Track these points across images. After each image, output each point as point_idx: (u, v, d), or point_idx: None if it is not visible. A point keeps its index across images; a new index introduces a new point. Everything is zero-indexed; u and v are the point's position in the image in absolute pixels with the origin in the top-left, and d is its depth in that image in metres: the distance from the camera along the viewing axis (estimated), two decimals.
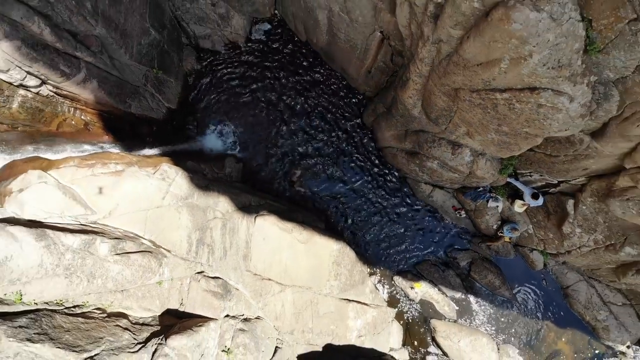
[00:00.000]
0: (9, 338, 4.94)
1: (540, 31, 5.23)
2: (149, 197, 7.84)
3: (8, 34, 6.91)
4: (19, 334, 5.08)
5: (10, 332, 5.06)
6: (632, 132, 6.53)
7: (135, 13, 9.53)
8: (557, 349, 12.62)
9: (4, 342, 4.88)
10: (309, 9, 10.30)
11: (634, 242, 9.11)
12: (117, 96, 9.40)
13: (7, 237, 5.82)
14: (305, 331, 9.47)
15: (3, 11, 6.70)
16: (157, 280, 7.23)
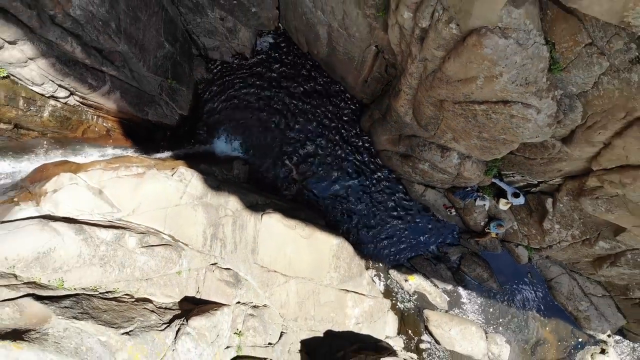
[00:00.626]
0: (58, 316, 5.86)
1: (508, 54, 6.15)
2: (168, 196, 8.77)
3: (44, 52, 7.84)
4: (65, 313, 6.00)
5: (58, 311, 5.98)
6: (595, 138, 7.45)
7: (152, 29, 10.46)
8: (542, 338, 13.53)
9: (54, 320, 5.80)
10: (310, 24, 11.22)
11: (606, 237, 10.02)
12: (136, 105, 10.32)
13: (51, 231, 6.76)
14: (308, 318, 10.39)
15: (41, 33, 7.62)
16: (176, 270, 8.16)
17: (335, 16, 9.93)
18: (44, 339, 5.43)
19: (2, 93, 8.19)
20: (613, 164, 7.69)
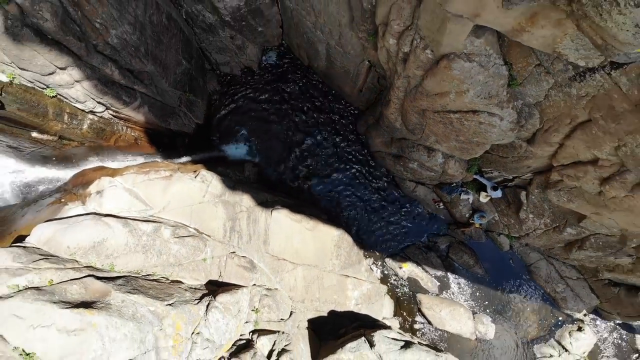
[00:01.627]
0: (116, 291, 7.33)
1: (473, 74, 7.63)
2: (193, 195, 10.24)
3: (88, 76, 9.32)
4: (121, 289, 7.48)
5: (115, 287, 7.45)
6: (551, 139, 8.91)
7: (172, 49, 11.93)
8: (524, 317, 15.01)
9: (114, 294, 7.27)
10: (310, 42, 12.70)
11: (572, 224, 11.49)
12: (161, 116, 11.80)
13: (104, 225, 8.24)
14: (313, 300, 11.87)
15: (87, 59, 9.10)
16: (202, 257, 9.63)
17: (333, 36, 11.41)
18: (109, 307, 6.91)
19: (51, 110, 9.66)
20: (568, 160, 9.17)
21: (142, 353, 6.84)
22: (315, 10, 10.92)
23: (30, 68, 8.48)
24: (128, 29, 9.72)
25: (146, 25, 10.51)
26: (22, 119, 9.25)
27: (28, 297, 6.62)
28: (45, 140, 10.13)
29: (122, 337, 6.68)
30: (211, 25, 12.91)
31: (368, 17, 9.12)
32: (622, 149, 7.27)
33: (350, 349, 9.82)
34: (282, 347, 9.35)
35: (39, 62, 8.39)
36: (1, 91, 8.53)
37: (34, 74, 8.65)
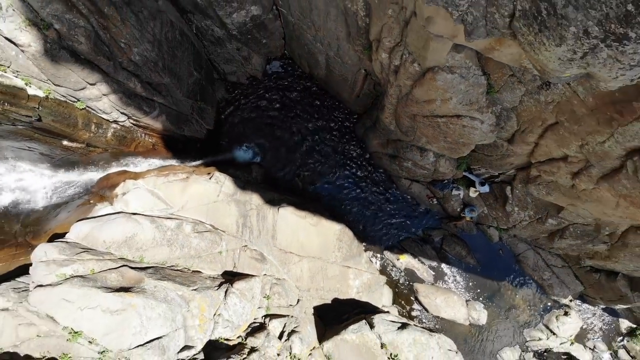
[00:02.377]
0: (149, 278, 8.44)
1: (455, 84, 8.74)
2: (208, 195, 11.35)
3: (115, 90, 10.43)
4: (152, 276, 8.58)
5: (147, 275, 8.55)
6: (527, 139, 10.02)
7: (185, 62, 13.04)
8: (513, 304, 16.12)
9: (147, 280, 8.37)
10: (311, 52, 13.81)
11: (553, 215, 12.60)
12: (176, 124, 12.90)
13: (134, 222, 9.35)
14: (318, 289, 12.98)
15: (114, 76, 10.21)
16: (218, 250, 10.73)
17: (332, 48, 12.52)
18: (144, 291, 8.01)
19: (80, 120, 10.77)
20: (543, 157, 10.29)
21: (174, 330, 7.95)
22: (315, 25, 12.02)
23: (64, 84, 9.59)
24: (148, 47, 10.83)
25: (162, 42, 11.62)
26: (55, 129, 10.36)
27: (75, 283, 7.73)
28: (74, 147, 11.24)
29: (157, 316, 7.79)
30: (219, 38, 14.02)
31: (363, 33, 10.23)
32: (585, 147, 8.38)
33: (352, 330, 10.93)
34: (292, 329, 10.43)
35: (72, 79, 9.50)
36: (39, 105, 9.64)
37: (67, 89, 9.76)
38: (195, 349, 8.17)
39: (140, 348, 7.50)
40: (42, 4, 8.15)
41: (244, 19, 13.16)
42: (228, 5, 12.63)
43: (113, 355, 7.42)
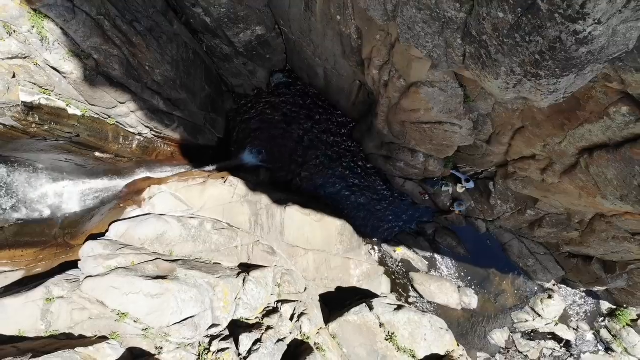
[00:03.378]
0: (180, 268, 9.92)
1: (435, 96, 10.24)
2: (224, 197, 12.84)
3: (141, 107, 11.92)
4: (182, 267, 10.06)
5: (178, 266, 10.03)
6: (502, 141, 11.51)
7: (198, 78, 14.54)
8: (502, 290, 17.60)
9: (178, 270, 9.86)
10: (310, 66, 15.31)
11: (530, 207, 14.09)
12: (191, 134, 14.40)
13: (164, 221, 10.84)
14: (323, 279, 14.47)
15: (140, 95, 11.69)
16: (235, 245, 12.22)
17: (329, 63, 14.02)
18: (177, 278, 9.50)
19: (111, 134, 12.25)
20: (517, 156, 11.78)
21: (203, 310, 9.43)
22: (314, 43, 13.53)
23: (99, 104, 11.08)
24: (168, 67, 12.33)
25: (179, 62, 13.12)
26: (90, 142, 11.83)
27: (120, 273, 9.23)
28: (105, 158, 12.72)
29: (189, 299, 9.27)
30: (227, 55, 15.52)
31: (356, 52, 11.72)
32: (547, 147, 9.87)
33: (354, 312, 12.43)
34: (301, 312, 11.90)
35: (106, 100, 10.99)
36: (77, 122, 11.13)
37: (101, 108, 11.25)
38: (221, 326, 9.65)
39: (177, 325, 8.99)
40: (83, 38, 9.64)
41: (250, 38, 14.66)
42: (235, 27, 14.12)
43: (155, 332, 8.91)
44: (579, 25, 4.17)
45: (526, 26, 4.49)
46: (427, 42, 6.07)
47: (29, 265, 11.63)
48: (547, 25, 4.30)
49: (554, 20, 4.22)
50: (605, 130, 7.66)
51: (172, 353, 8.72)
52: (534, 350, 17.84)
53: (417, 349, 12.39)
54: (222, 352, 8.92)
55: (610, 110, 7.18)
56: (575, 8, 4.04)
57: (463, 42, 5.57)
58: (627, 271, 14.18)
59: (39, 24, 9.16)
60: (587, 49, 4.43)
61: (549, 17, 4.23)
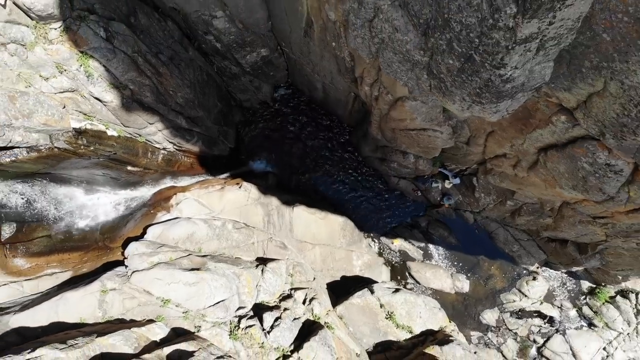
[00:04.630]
0: (210, 261, 11.79)
1: (418, 108, 12.12)
2: (240, 200, 14.73)
3: (167, 126, 13.82)
4: (211, 260, 11.92)
5: (208, 259, 11.90)
6: (478, 142, 13.37)
7: (211, 96, 16.43)
8: (490, 274, 19.47)
9: (209, 263, 11.72)
10: (310, 81, 17.21)
11: (509, 198, 15.95)
12: (208, 146, 16.29)
13: (193, 223, 12.73)
14: (329, 269, 16.35)
15: (167, 116, 13.58)
16: (252, 241, 14.10)
17: (327, 78, 15.92)
18: (209, 269, 11.37)
19: (141, 150, 14.13)
20: (492, 155, 13.65)
21: (231, 295, 11.30)
22: (312, 62, 15.42)
23: (132, 126, 12.97)
24: (187, 90, 14.22)
25: (196, 84, 15.01)
26: (124, 158, 13.70)
27: (162, 267, 11.11)
28: (135, 171, 14.60)
29: (220, 286, 11.15)
30: (235, 74, 17.41)
31: (350, 71, 13.60)
32: (513, 146, 11.73)
33: (357, 296, 14.32)
34: (312, 297, 13.77)
35: (138, 122, 12.88)
36: (115, 142, 13.00)
37: (133, 129, 13.14)
38: (247, 308, 11.53)
39: (211, 307, 10.86)
40: (122, 72, 11.52)
41: (256, 59, 16.56)
42: (243, 50, 16.01)
43: (193, 314, 10.78)
44: (502, 71, 6.04)
45: (468, 70, 6.34)
46: (403, 75, 7.92)
47: (76, 266, 13.51)
48: (481, 71, 6.16)
49: (485, 67, 6.09)
50: (552, 134, 9.55)
51: (208, 330, 10.59)
52: (523, 328, 19.73)
53: (413, 325, 14.28)
54: (249, 328, 10.80)
55: (553, 119, 9.06)
56: (497, 60, 5.92)
57: (428, 77, 7.41)
58: (598, 251, 16.04)
59: (85, 63, 11.05)
60: (510, 85, 6.30)
61: (482, 65, 6.09)
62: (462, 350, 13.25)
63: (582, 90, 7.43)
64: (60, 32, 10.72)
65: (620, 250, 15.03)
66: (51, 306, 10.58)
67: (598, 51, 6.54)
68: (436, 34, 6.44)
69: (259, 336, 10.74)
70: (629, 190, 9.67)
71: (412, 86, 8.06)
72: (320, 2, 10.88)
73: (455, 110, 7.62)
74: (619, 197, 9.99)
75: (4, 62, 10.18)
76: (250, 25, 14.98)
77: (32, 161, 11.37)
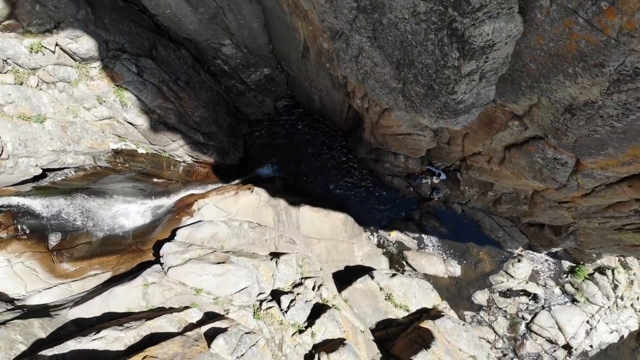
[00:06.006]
0: (233, 255, 13.88)
1: (403, 116, 14.21)
2: (252, 203, 16.81)
3: (187, 142, 15.92)
4: (233, 255, 14.01)
5: (230, 254, 13.99)
6: (457, 142, 15.45)
7: (221, 112, 18.53)
8: (479, 259, 21.55)
9: (232, 257, 13.81)
10: (308, 94, 19.31)
11: (490, 189, 18.04)
12: (221, 157, 18.39)
13: (215, 224, 14.81)
14: (333, 260, 18.44)
15: (187, 133, 15.68)
16: (265, 238, 16.18)
17: (323, 91, 18.02)
18: (233, 262, 13.45)
19: (165, 164, 16.23)
20: (469, 152, 15.75)
21: (253, 283, 13.37)
22: (309, 79, 17.53)
23: (158, 144, 15.06)
24: (203, 110, 16.33)
25: (209, 103, 17.12)
26: (151, 171, 15.80)
27: (193, 262, 13.19)
28: (160, 182, 16.71)
29: (242, 275, 13.22)
30: (241, 91, 19.53)
31: (343, 86, 15.71)
32: (484, 145, 13.82)
33: (360, 281, 16.40)
34: (320, 284, 15.86)
35: (163, 140, 14.98)
36: (144, 159, 15.10)
37: (159, 146, 15.24)
38: (266, 293, 13.61)
39: (237, 293, 12.94)
40: (150, 100, 13.62)
41: (259, 77, 18.67)
42: (247, 70, 18.13)
43: (222, 299, 12.85)
44: (454, 96, 8.13)
45: (430, 95, 8.42)
46: (384, 97, 9.98)
47: (114, 267, 15.61)
48: (439, 96, 8.25)
49: (442, 94, 8.18)
50: (510, 135, 11.66)
51: (236, 312, 12.67)
52: (511, 306, 21.84)
53: (409, 304, 16.37)
54: (269, 309, 12.89)
55: (509, 123, 11.16)
56: (450, 88, 8.01)
57: (403, 99, 9.48)
58: (570, 232, 18.13)
59: (120, 94, 13.15)
60: (463, 105, 8.39)
61: (439, 92, 8.18)
62: (452, 323, 15.33)
63: (524, 102, 9.55)
64: (99, 70, 12.83)
65: (588, 230, 17.11)
66: (102, 299, 12.65)
67: (529, 75, 8.65)
68: (405, 70, 8.53)
69: (278, 315, 12.83)
70: (577, 179, 11.75)
71: (392, 105, 10.11)
72: (315, 33, 12.99)
73: (427, 123, 9.69)
74: (570, 184, 12.07)
75: (55, 98, 12.30)
76: (254, 49, 17.09)
77: (79, 179, 13.47)
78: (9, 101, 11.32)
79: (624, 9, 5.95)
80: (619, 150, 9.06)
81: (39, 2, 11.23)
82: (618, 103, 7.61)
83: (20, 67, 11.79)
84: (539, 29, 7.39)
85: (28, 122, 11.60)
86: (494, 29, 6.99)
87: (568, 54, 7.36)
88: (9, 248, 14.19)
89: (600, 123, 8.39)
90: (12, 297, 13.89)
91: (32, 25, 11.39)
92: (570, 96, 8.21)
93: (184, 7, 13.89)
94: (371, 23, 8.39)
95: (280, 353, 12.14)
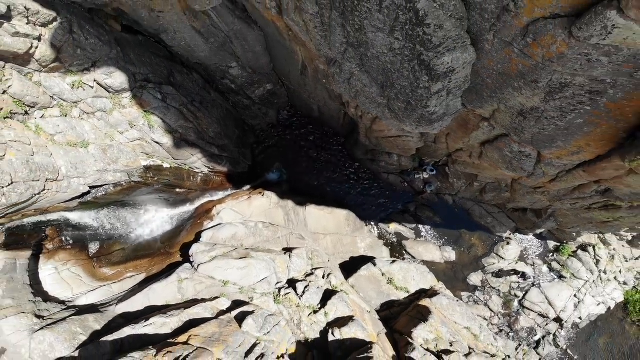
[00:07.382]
0: (252, 251, 15.99)
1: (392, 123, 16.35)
2: (264, 205, 18.94)
3: (205, 155, 18.06)
4: (252, 251, 16.13)
5: (250, 251, 16.10)
6: (441, 141, 17.55)
7: (231, 126, 20.66)
8: (472, 244, 23.65)
9: (252, 252, 15.92)
10: (307, 104, 21.45)
11: (475, 180, 20.16)
12: (233, 166, 20.53)
13: (234, 226, 16.93)
14: (339, 253, 20.55)
15: (204, 147, 17.81)
16: (278, 236, 18.30)
17: (321, 102, 20.16)
18: (253, 257, 15.57)
19: (185, 175, 18.36)
20: (453, 149, 17.86)
21: (271, 274, 15.49)
22: (308, 91, 19.67)
23: (180, 158, 17.20)
24: (216, 125, 18.46)
25: (220, 119, 19.26)
26: (174, 183, 17.93)
27: (220, 259, 15.31)
28: (181, 192, 18.84)
29: (262, 268, 15.33)
30: (247, 105, 21.68)
31: (338, 97, 17.85)
32: (464, 143, 15.94)
33: (364, 269, 18.53)
34: (329, 273, 17.98)
35: (185, 155, 17.12)
36: (168, 172, 17.23)
37: (181, 160, 17.37)
38: (283, 282, 15.74)
39: (258, 283, 15.06)
40: (174, 122, 15.77)
41: (263, 92, 20.82)
42: (252, 87, 20.27)
43: (246, 289, 14.97)
44: (428, 109, 10.26)
45: (409, 109, 10.54)
46: (373, 110, 12.13)
47: (147, 269, 17.74)
48: (416, 109, 10.38)
49: (418, 108, 10.29)
50: (483, 134, 13.78)
51: (259, 299, 14.79)
52: (504, 285, 23.92)
53: (409, 286, 18.49)
54: (287, 295, 15.02)
55: (480, 124, 13.28)
56: (424, 104, 10.13)
57: (389, 112, 11.62)
58: (550, 214, 20.23)
59: (148, 119, 15.29)
60: (436, 115, 10.52)
61: (416, 107, 10.30)
62: (447, 299, 17.44)
63: (488, 108, 11.67)
64: (129, 99, 14.97)
65: (564, 212, 19.21)
66: (144, 295, 14.75)
67: (488, 88, 10.78)
68: (388, 90, 10.66)
69: (295, 299, 14.96)
70: (542, 167, 13.85)
71: (380, 115, 12.25)
72: (312, 56, 15.13)
73: (410, 130, 11.82)
74: (537, 172, 14.17)
75: (95, 126, 14.44)
76: (258, 69, 19.23)
77: (117, 193, 15.62)
78: (59, 131, 13.47)
79: (542, 43, 8.07)
80: (566, 143, 11.18)
81: (80, 47, 13.37)
82: (555, 108, 9.73)
83: (65, 101, 13.93)
84: (488, 55, 9.51)
85: (75, 147, 13.74)
86: (453, 58, 9.12)
87: (512, 73, 9.49)
88: (56, 257, 16.35)
89: (546, 123, 10.51)
90: (62, 299, 16.04)
91: (74, 66, 13.53)
92: (520, 103, 10.33)
93: (197, 39, 16.03)
94: (359, 55, 10.53)
95: (299, 331, 14.26)
